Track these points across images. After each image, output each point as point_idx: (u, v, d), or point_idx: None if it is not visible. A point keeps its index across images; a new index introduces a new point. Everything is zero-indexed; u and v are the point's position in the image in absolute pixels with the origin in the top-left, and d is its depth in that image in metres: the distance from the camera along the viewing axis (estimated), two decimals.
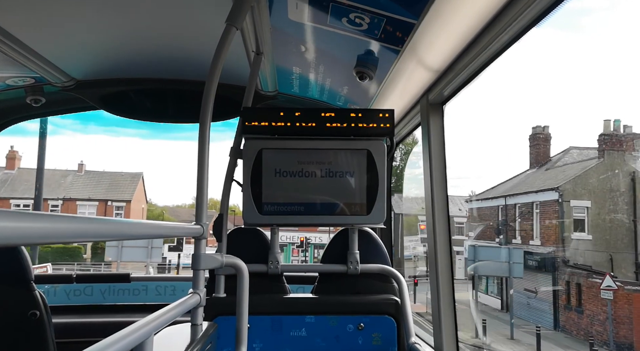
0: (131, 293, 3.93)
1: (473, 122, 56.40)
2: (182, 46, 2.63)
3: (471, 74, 2.05)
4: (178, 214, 64.46)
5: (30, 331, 2.49)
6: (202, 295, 1.79)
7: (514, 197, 28.59)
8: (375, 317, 2.39)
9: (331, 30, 2.13)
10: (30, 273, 2.55)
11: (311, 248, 39.75)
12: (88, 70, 2.91)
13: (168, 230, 1.49)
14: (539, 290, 24.38)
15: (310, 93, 3.19)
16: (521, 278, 23.41)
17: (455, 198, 38.85)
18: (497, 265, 22.56)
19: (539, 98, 50.41)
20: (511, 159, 64.97)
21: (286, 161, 2.40)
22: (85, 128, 76.17)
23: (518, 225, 28.15)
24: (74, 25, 2.32)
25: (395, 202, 33.17)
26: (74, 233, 0.75)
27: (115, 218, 1.06)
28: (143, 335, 1.12)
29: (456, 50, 1.92)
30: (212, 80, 1.87)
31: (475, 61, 1.89)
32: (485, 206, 31.78)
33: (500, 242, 27.81)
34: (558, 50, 52.08)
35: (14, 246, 2.39)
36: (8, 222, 0.56)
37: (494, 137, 62.22)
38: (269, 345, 2.35)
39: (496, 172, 61.27)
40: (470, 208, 34.10)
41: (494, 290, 28.84)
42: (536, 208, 26.52)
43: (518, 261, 22.54)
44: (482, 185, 63.43)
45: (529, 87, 53.85)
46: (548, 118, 56.31)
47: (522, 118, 59.97)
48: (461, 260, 34.53)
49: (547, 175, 27.60)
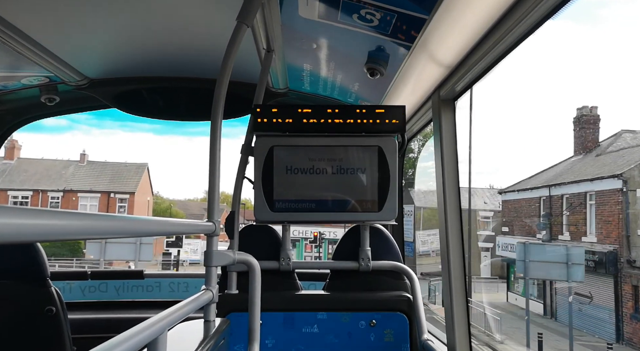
0: (145, 290, 3.96)
1: (488, 116, 55.53)
2: (193, 44, 2.65)
3: (483, 69, 2.03)
4: (188, 208, 64.25)
5: (46, 327, 2.53)
6: (214, 292, 1.80)
7: (559, 186, 24.69)
8: (387, 314, 2.39)
9: (342, 26, 2.13)
10: (46, 269, 2.59)
11: (325, 243, 37.75)
12: (101, 69, 2.94)
13: (180, 227, 1.50)
14: (594, 295, 20.60)
15: (321, 90, 3.19)
16: (575, 282, 19.13)
17: (478, 190, 36.73)
18: (551, 267, 18.60)
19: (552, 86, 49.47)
20: (532, 150, 63.68)
21: (297, 158, 2.41)
22: (100, 123, 77.25)
23: (566, 219, 24.20)
24: (87, 25, 2.34)
25: (416, 195, 30.81)
26: (87, 230, 0.76)
27: (128, 215, 1.07)
28: (157, 331, 1.13)
29: (468, 46, 1.91)
30: (223, 77, 1.87)
31: (488, 56, 1.87)
32: (522, 198, 28.03)
33: (544, 238, 24.66)
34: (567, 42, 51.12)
35: (30, 243, 2.43)
36: (24, 219, 0.57)
37: (507, 130, 61.29)
38: (282, 342, 2.36)
39: (516, 164, 60.07)
40: (503, 200, 30.67)
41: (534, 292, 24.94)
42: (590, 199, 22.45)
43: (578, 262, 18.21)
44: (499, 180, 62.30)
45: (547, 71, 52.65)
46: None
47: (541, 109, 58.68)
48: (487, 258, 32.34)
49: (601, 161, 23.57)
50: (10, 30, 2.18)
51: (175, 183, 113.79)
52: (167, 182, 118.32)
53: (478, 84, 2.18)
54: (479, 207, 35.26)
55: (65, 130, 76.28)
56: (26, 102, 3.34)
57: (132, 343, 0.97)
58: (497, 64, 1.95)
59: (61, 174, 41.43)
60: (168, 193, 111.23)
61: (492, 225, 34.40)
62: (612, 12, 44.25)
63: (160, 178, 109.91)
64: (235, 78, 2.93)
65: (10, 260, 2.56)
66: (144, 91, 3.23)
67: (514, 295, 26.99)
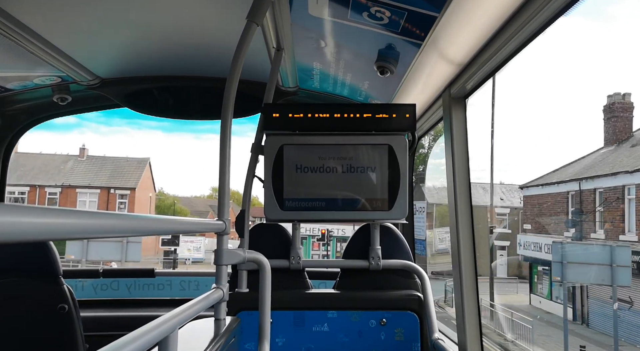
0: (156, 288, 3.99)
1: (498, 113, 54.73)
2: (203, 43, 2.65)
3: (495, 67, 2.01)
4: (193, 205, 63.67)
5: (59, 324, 2.56)
6: (225, 290, 1.81)
7: (591, 180, 22.37)
8: (397, 313, 2.38)
9: (352, 24, 2.12)
10: (58, 267, 2.61)
11: (333, 241, 35.79)
12: (112, 68, 2.96)
13: (190, 226, 1.51)
14: (635, 300, 18.01)
15: (330, 88, 3.19)
16: (621, 286, 15.95)
17: (496, 187, 34.00)
18: (592, 269, 15.68)
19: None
20: (547, 146, 62.39)
21: (307, 157, 2.41)
22: (109, 121, 78.16)
23: (599, 215, 21.88)
24: (98, 25, 2.36)
25: (429, 191, 29.30)
26: (98, 228, 0.76)
27: (138, 214, 1.08)
28: (168, 329, 1.14)
29: (479, 43, 1.89)
30: (233, 76, 1.88)
31: (499, 54, 1.86)
32: (547, 193, 25.58)
33: (573, 236, 22.45)
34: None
35: (42, 241, 2.45)
36: (37, 217, 0.58)
37: (518, 127, 60.31)
38: (292, 340, 2.36)
39: (528, 161, 58.77)
40: (524, 196, 28.43)
41: (560, 295, 22.15)
42: (629, 192, 20.07)
43: (624, 263, 15.17)
44: (509, 176, 61.04)
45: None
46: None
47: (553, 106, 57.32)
48: (503, 256, 30.69)
49: (637, 151, 21.48)
50: (23, 30, 2.20)
51: (182, 180, 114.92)
52: (172, 179, 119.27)
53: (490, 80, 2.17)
54: (495, 204, 33.35)
55: (74, 128, 77.32)
56: (39, 101, 3.37)
57: (144, 341, 0.98)
58: (508, 61, 1.93)
59: (60, 169, 40.02)
60: (174, 190, 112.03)
61: (508, 222, 32.86)
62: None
63: (166, 175, 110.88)
64: (245, 77, 2.94)
65: (23, 258, 2.59)
66: (154, 90, 3.25)
67: (537, 298, 25.16)
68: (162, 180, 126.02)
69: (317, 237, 35.02)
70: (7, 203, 0.55)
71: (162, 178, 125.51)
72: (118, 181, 40.24)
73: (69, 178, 39.51)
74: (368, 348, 2.36)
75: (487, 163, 23.25)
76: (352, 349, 2.36)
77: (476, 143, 43.96)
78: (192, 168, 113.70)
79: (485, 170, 23.43)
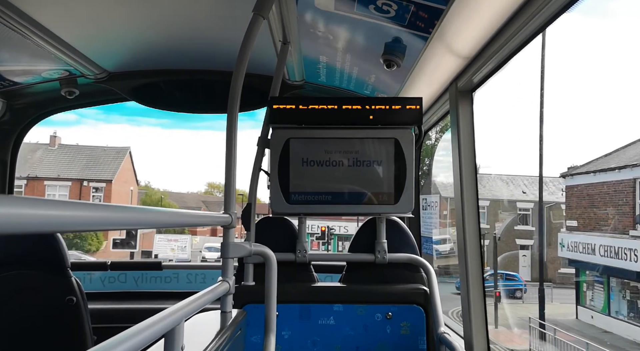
0: (163, 281, 4.02)
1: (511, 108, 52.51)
2: (210, 37, 2.65)
3: (502, 60, 2.00)
4: (185, 201, 61.36)
5: (67, 316, 2.58)
6: (231, 283, 1.82)
7: None
8: (403, 306, 2.38)
9: (358, 17, 2.11)
10: (66, 260, 2.64)
11: (334, 240, 32.61)
12: (119, 62, 2.97)
13: (196, 219, 1.51)
14: None
15: (337, 82, 3.18)
16: None
17: (516, 178, 31.42)
18: None
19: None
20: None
21: (313, 150, 2.40)
22: (108, 118, 78.61)
23: None
24: (105, 18, 2.37)
25: (441, 184, 28.15)
26: (105, 221, 0.77)
27: (144, 206, 1.08)
28: (174, 321, 1.15)
29: (486, 36, 1.88)
30: (240, 70, 1.88)
31: (507, 46, 1.84)
32: (602, 181, 20.88)
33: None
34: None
35: (50, 233, 2.47)
36: (45, 209, 0.58)
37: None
38: (297, 333, 2.37)
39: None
40: (568, 186, 23.55)
41: (622, 309, 18.17)
42: None
43: None
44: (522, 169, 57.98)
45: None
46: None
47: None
48: (526, 257, 27.95)
49: None
50: (31, 24, 2.21)
51: (176, 177, 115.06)
52: (169, 175, 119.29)
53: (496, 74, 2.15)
54: (516, 197, 30.34)
55: (73, 124, 77.65)
56: (47, 95, 3.39)
57: (150, 333, 0.99)
58: (516, 54, 1.91)
59: (27, 159, 34.87)
60: (167, 186, 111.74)
61: (534, 218, 28.57)
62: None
63: (160, 171, 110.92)
64: (252, 70, 2.94)
65: (32, 251, 2.62)
66: (161, 84, 3.26)
67: (588, 312, 20.44)
68: (157, 176, 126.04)
69: (316, 235, 30.44)
70: (15, 195, 0.55)
71: (157, 174, 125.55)
72: (93, 172, 35.97)
73: (36, 169, 35.29)
74: (374, 342, 2.37)
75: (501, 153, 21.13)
76: (357, 342, 2.37)
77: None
78: (188, 164, 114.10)
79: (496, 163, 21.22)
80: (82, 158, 37.03)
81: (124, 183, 38.30)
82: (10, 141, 3.59)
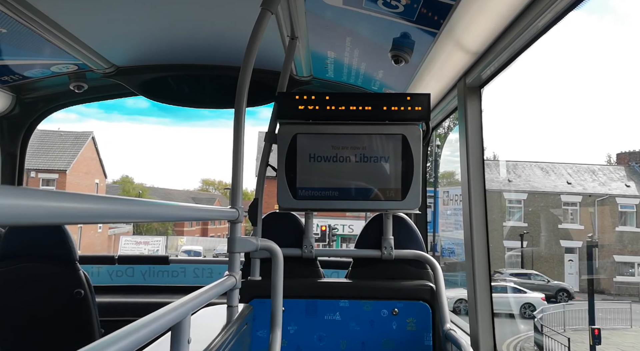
0: (170, 275, 4.05)
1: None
2: (218, 32, 2.66)
3: (511, 56, 1.98)
4: (172, 197, 58.11)
5: (75, 309, 2.60)
6: (237, 278, 1.82)
7: None
8: (409, 303, 2.38)
9: (366, 13, 2.11)
10: (74, 253, 2.65)
11: (337, 240, 29.19)
12: (128, 57, 2.98)
13: (203, 213, 1.52)
14: None
15: (345, 77, 3.17)
16: None
17: (558, 166, 26.52)
18: None
19: None
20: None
21: (321, 146, 2.40)
22: (108, 116, 78.95)
23: None
24: (114, 13, 2.37)
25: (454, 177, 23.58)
26: (113, 213, 0.77)
27: (152, 200, 1.09)
28: (180, 315, 1.15)
29: (495, 32, 1.86)
30: (247, 65, 1.88)
31: (516, 42, 1.83)
32: None
33: None
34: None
35: (57, 225, 2.48)
36: (52, 201, 0.59)
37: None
38: (304, 328, 2.38)
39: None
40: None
41: None
42: None
43: None
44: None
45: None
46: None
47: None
48: (573, 262, 24.00)
49: None
50: (41, 18, 2.22)
51: (172, 173, 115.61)
52: (161, 171, 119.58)
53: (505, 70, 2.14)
54: (560, 189, 25.11)
55: (73, 122, 78.16)
56: (56, 89, 3.41)
57: (157, 326, 0.99)
58: (525, 49, 1.90)
59: None
60: (158, 183, 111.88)
61: (580, 214, 24.84)
62: None
63: (155, 168, 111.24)
64: (259, 65, 2.94)
65: (40, 243, 2.64)
66: (169, 78, 3.27)
67: None
68: (147, 172, 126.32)
69: (316, 236, 24.49)
70: (24, 187, 0.56)
71: (148, 171, 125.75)
72: (42, 161, 30.56)
73: None
74: (380, 338, 2.37)
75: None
76: (363, 338, 2.37)
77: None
78: (187, 161, 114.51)
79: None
80: (31, 144, 34.01)
81: (84, 174, 33.72)
82: (19, 134, 3.61)
